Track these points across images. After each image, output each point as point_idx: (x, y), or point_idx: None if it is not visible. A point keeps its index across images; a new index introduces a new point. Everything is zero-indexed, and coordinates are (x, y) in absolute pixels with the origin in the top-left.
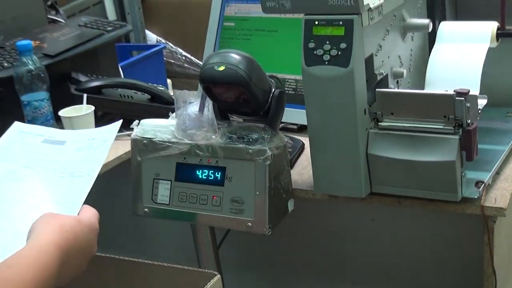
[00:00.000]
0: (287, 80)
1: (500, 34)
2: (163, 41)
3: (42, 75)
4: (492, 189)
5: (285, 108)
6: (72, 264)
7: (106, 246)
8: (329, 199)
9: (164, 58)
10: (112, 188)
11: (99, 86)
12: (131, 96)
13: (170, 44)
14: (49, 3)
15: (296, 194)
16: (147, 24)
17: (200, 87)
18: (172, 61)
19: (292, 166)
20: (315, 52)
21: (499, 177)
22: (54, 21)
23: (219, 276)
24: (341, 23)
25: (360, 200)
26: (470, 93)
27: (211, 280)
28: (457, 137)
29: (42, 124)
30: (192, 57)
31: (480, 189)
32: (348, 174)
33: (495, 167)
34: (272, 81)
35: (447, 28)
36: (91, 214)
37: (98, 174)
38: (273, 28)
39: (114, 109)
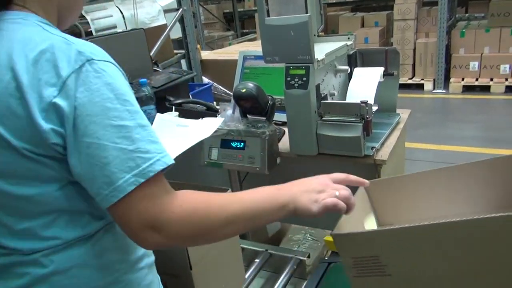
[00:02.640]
0: (276, 98)
1: (385, 74)
2: (211, 81)
3: (152, 96)
4: (379, 151)
5: (275, 112)
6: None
7: (180, 179)
8: (297, 156)
9: (212, 90)
10: (188, 152)
11: (181, 102)
12: (196, 108)
13: (215, 83)
14: (153, 61)
15: (281, 154)
16: (203, 72)
17: (232, 100)
18: (215, 92)
19: (279, 141)
20: (290, 82)
21: (383, 145)
22: (156, 70)
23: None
24: (303, 67)
25: (313, 156)
26: (368, 102)
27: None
28: (361, 124)
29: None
30: (225, 89)
31: (373, 151)
32: (307, 143)
33: (381, 140)
34: (269, 97)
35: (357, 71)
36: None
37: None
38: (270, 72)
39: (188, 114)
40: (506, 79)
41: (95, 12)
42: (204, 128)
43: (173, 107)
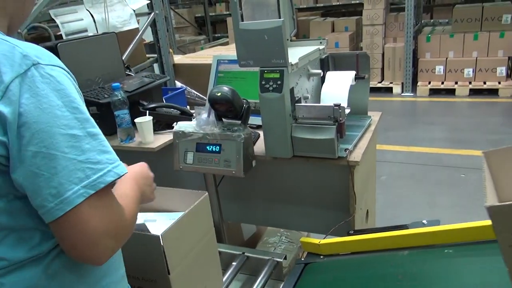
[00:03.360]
0: (251, 102)
1: (357, 78)
2: (184, 85)
3: (125, 101)
4: (352, 153)
5: (250, 116)
6: (143, 184)
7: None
8: (272, 159)
9: (185, 94)
10: (163, 156)
11: (154, 107)
12: (170, 112)
13: (188, 87)
14: (126, 65)
15: (256, 157)
16: (176, 76)
17: (207, 104)
18: (189, 96)
19: (254, 144)
20: (265, 86)
21: (356, 147)
22: (128, 74)
23: (206, 193)
24: (278, 71)
25: (288, 159)
26: (341, 105)
27: (201, 197)
28: (334, 126)
29: (125, 126)
30: (199, 93)
31: (347, 152)
32: (282, 146)
33: (354, 141)
34: (244, 101)
35: (330, 75)
36: (142, 164)
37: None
38: (243, 76)
39: (162, 118)
40: (470, 83)
41: (65, 16)
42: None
43: (147, 111)
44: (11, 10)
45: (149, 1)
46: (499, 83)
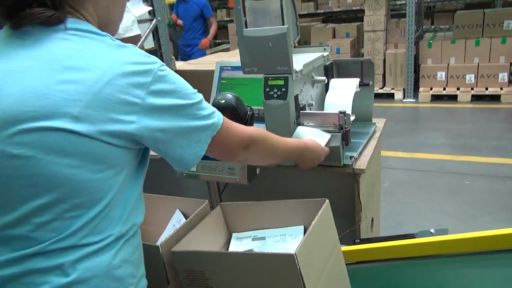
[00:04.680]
0: (254, 109)
1: (361, 84)
2: None
3: None
4: (358, 160)
5: (254, 123)
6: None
7: (159, 191)
8: (276, 167)
9: None
10: (166, 163)
11: None
12: None
13: None
14: None
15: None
16: None
17: None
18: None
19: None
20: (269, 93)
21: (361, 154)
22: None
23: (207, 201)
24: (282, 78)
25: (292, 166)
26: (346, 112)
27: (202, 205)
28: (340, 134)
29: None
30: None
31: (352, 160)
32: None
33: (359, 149)
34: (248, 108)
35: (334, 82)
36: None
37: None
38: (247, 82)
39: None
40: (472, 88)
41: None
42: None
43: None
44: (99, 14)
45: (151, 8)
46: (501, 89)
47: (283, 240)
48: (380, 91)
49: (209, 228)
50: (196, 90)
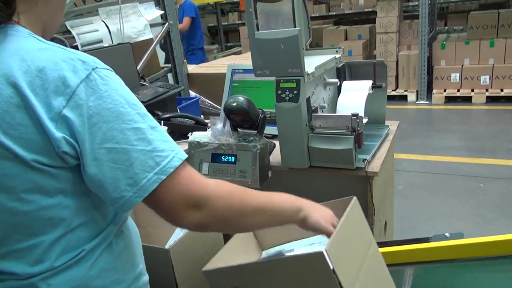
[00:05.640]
0: (266, 112)
1: (374, 86)
2: (198, 95)
3: None
4: (371, 163)
5: (266, 126)
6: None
7: None
8: (288, 169)
9: (199, 104)
10: None
11: (169, 117)
12: (185, 122)
13: (202, 97)
14: (140, 75)
15: (272, 167)
16: (190, 86)
17: (222, 114)
18: (202, 105)
19: (270, 154)
20: (281, 95)
21: (374, 157)
22: (143, 84)
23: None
24: (294, 80)
25: (305, 169)
26: (358, 115)
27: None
28: (352, 136)
29: None
30: (213, 103)
31: (365, 163)
32: (298, 156)
33: (372, 152)
34: (260, 111)
35: (346, 84)
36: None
37: None
38: (258, 85)
39: (177, 128)
40: (487, 90)
41: (81, 27)
42: None
43: (162, 121)
44: (43, 20)
45: (163, 12)
46: None
47: (312, 249)
48: (393, 93)
49: (240, 247)
50: None
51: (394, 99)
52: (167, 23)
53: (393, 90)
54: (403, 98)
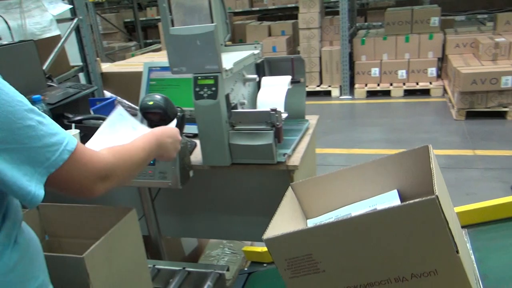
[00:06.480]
0: (186, 110)
1: (293, 82)
2: (114, 95)
3: (47, 114)
4: (291, 157)
5: (186, 124)
6: (165, 141)
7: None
8: (210, 168)
9: (115, 105)
10: None
11: (81, 119)
12: (99, 124)
13: (118, 97)
14: (47, 76)
15: (194, 167)
16: (104, 86)
17: (139, 114)
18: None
19: (191, 154)
20: (199, 92)
21: (295, 151)
22: (50, 85)
23: (134, 209)
24: (212, 77)
25: (227, 167)
26: (277, 110)
27: (129, 213)
28: (272, 131)
29: None
30: (130, 103)
31: (285, 157)
32: (220, 154)
33: (292, 146)
34: (179, 109)
35: (266, 80)
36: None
37: None
38: (177, 83)
39: (90, 131)
40: (404, 84)
41: None
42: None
43: (73, 124)
44: None
45: (71, 6)
46: (430, 83)
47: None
48: (318, 88)
49: (287, 214)
50: None
51: (318, 95)
52: (76, 19)
53: (317, 86)
54: (327, 93)
